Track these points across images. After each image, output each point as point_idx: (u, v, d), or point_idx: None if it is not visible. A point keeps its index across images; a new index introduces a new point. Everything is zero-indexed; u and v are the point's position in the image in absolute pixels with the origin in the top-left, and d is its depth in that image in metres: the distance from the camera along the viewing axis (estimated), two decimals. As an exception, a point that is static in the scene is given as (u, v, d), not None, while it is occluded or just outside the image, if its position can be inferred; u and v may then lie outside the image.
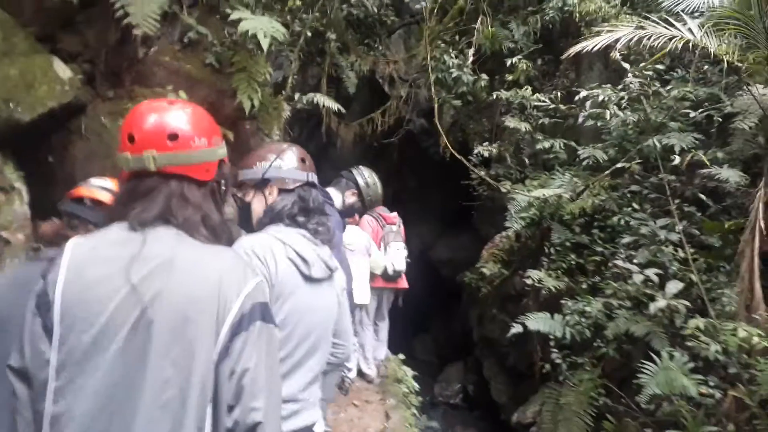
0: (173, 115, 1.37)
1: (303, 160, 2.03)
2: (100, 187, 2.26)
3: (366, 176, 3.92)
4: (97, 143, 4.08)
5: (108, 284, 1.23)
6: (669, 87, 6.02)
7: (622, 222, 6.02)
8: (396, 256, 5.72)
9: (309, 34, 6.56)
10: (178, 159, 1.34)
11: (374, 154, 9.51)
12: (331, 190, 3.71)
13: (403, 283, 5.94)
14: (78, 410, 1.19)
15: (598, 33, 5.84)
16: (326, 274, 1.91)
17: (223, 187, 1.47)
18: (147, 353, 1.20)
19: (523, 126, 7.28)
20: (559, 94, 7.37)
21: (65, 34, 4.16)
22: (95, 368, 1.20)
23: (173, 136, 1.34)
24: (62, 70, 3.84)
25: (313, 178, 2.03)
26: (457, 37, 8.47)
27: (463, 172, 8.12)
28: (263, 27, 4.12)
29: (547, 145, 7.03)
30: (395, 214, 6.13)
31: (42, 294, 1.25)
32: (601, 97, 5.99)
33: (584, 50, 5.36)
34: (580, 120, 6.41)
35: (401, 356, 6.79)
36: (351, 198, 3.86)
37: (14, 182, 3.54)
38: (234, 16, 4.21)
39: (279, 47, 5.25)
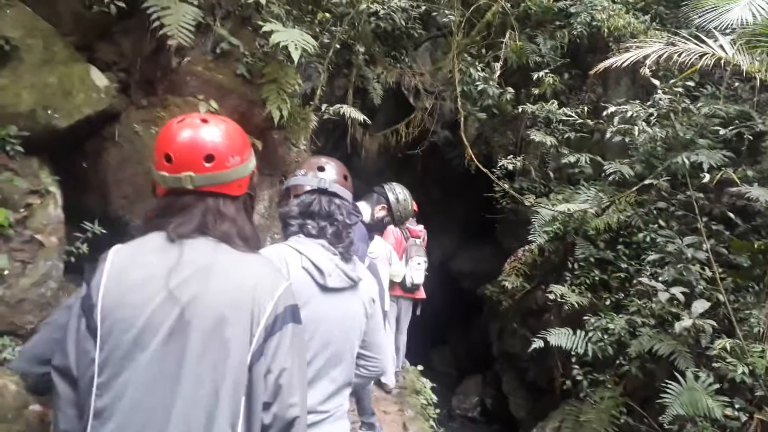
0: (209, 135, 1.41)
1: (321, 169, 2.05)
2: None
3: (397, 192, 3.96)
4: (129, 150, 4.18)
5: (147, 288, 1.31)
6: (699, 104, 5.96)
7: (648, 239, 5.96)
8: (416, 271, 5.84)
9: (338, 46, 6.64)
10: (214, 179, 1.40)
11: (398, 164, 9.55)
12: (361, 204, 3.79)
13: (421, 294, 6.08)
14: (119, 404, 1.26)
15: (627, 49, 5.82)
16: (346, 284, 1.91)
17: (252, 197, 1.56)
18: (184, 352, 1.28)
19: (549, 140, 7.25)
20: (585, 108, 7.34)
21: (102, 44, 4.29)
22: (136, 366, 1.27)
23: (209, 158, 1.39)
24: (99, 79, 3.96)
25: (326, 184, 2.00)
26: (483, 51, 8.49)
27: (486, 184, 8.11)
28: (294, 39, 4.20)
29: (572, 159, 7.00)
30: (422, 227, 6.23)
31: (86, 297, 1.33)
32: (629, 113, 5.95)
33: (613, 66, 5.33)
34: (608, 135, 6.37)
35: (420, 367, 6.78)
36: (380, 212, 3.89)
37: (49, 186, 3.64)
38: (266, 28, 4.30)
39: (308, 59, 5.33)
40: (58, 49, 3.87)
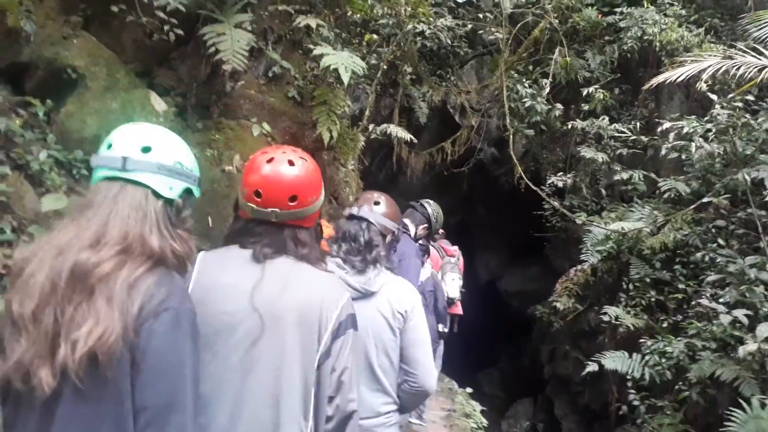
0: (295, 178, 1.61)
1: (370, 202, 2.39)
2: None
3: (434, 209, 4.47)
4: (185, 172, 4.30)
5: (232, 292, 1.54)
6: (760, 118, 5.74)
7: (707, 258, 5.74)
8: (451, 285, 5.87)
9: (385, 67, 6.72)
10: (294, 215, 1.62)
11: (443, 182, 9.53)
12: (407, 221, 4.13)
13: (458, 309, 6.06)
14: (202, 391, 1.37)
15: (681, 63, 5.67)
16: (354, 294, 2.08)
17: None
18: (258, 357, 1.49)
19: (600, 156, 7.11)
20: (638, 124, 7.17)
21: (161, 70, 4.45)
22: (214, 355, 1.48)
23: (293, 198, 1.60)
24: (158, 104, 4.10)
25: (362, 212, 2.31)
26: (530, 67, 8.43)
27: (534, 202, 7.99)
28: (344, 62, 4.26)
29: (625, 176, 6.83)
30: (456, 247, 6.40)
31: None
32: (686, 129, 5.78)
33: (666, 81, 5.20)
34: (663, 152, 6.20)
35: (469, 390, 6.68)
36: (422, 231, 4.41)
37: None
38: (317, 51, 4.38)
39: (357, 80, 5.40)
40: (120, 76, 4.04)
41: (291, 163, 1.60)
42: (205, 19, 4.21)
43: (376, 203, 2.41)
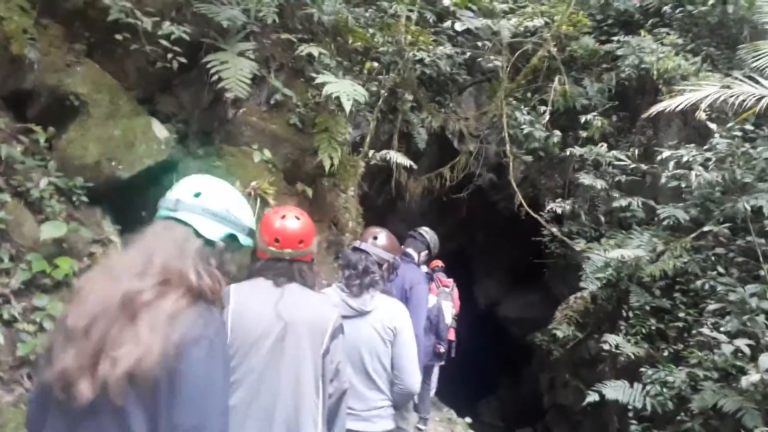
0: (301, 228, 2.29)
1: (370, 236, 3.03)
2: None
3: (431, 236, 5.00)
4: (186, 199, 4.29)
5: (262, 311, 2.15)
6: (759, 147, 5.77)
7: (707, 287, 5.71)
8: (446, 313, 6.03)
9: (385, 94, 6.76)
10: (301, 253, 2.29)
11: (442, 208, 9.53)
12: (409, 250, 4.71)
13: (452, 335, 6.30)
14: (245, 379, 2.08)
15: (679, 92, 5.72)
16: (352, 312, 2.74)
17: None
18: (283, 350, 2.11)
19: (599, 183, 7.12)
20: (636, 151, 7.20)
21: (163, 97, 4.47)
22: (256, 356, 2.09)
23: (301, 242, 2.28)
24: (159, 130, 4.11)
25: (362, 245, 2.95)
26: (528, 95, 8.50)
27: (532, 228, 7.98)
28: (346, 90, 4.29)
29: (624, 203, 6.84)
30: (451, 279, 6.57)
31: (223, 317, 2.00)
32: (685, 158, 5.80)
33: (666, 109, 5.24)
34: (663, 180, 6.21)
35: (468, 420, 6.59)
36: (423, 257, 4.96)
37: (111, 235, 3.76)
38: (319, 79, 4.41)
39: (358, 108, 5.43)
40: (122, 103, 4.06)
41: (297, 218, 2.30)
42: (208, 47, 4.25)
43: (375, 237, 3.03)
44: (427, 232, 5.03)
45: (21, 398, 3.13)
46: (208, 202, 1.58)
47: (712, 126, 5.91)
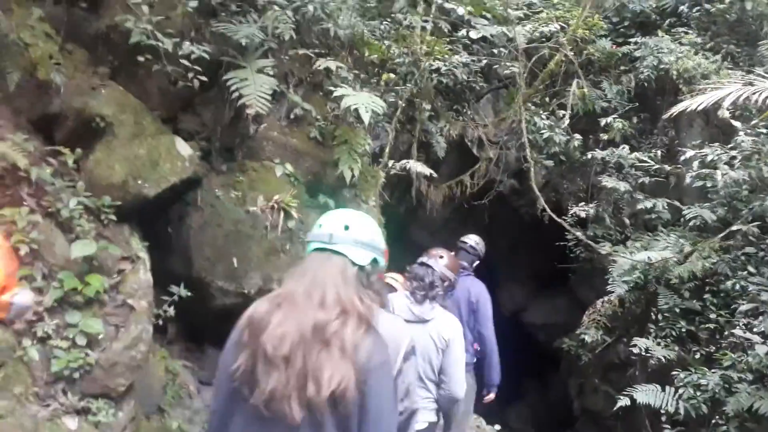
0: None
1: (436, 255, 3.64)
2: (393, 279, 3.86)
3: (481, 245, 5.50)
4: (210, 214, 4.37)
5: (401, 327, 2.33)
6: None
7: (738, 287, 5.61)
8: None
9: (403, 104, 6.80)
10: None
11: (463, 215, 9.50)
12: (464, 263, 5.15)
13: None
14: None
15: (700, 91, 5.65)
16: (414, 318, 3.16)
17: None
18: None
19: (622, 185, 7.05)
20: (659, 152, 7.12)
21: (185, 115, 4.57)
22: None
23: None
24: (183, 148, 4.19)
25: (429, 261, 3.56)
26: (547, 99, 8.47)
27: (556, 232, 7.92)
28: (364, 102, 4.33)
29: (648, 204, 6.76)
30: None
31: None
32: (710, 157, 5.73)
33: (688, 109, 5.19)
34: (688, 180, 6.14)
35: (497, 427, 6.54)
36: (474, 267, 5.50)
37: (139, 252, 3.83)
38: (337, 93, 4.46)
39: (376, 119, 5.47)
40: (146, 122, 4.15)
41: None
42: (227, 66, 4.33)
43: (441, 257, 3.59)
44: (477, 242, 5.43)
45: (56, 413, 3.20)
46: (356, 233, 1.84)
47: (737, 124, 5.83)
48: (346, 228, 1.83)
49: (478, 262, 5.44)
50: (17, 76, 3.77)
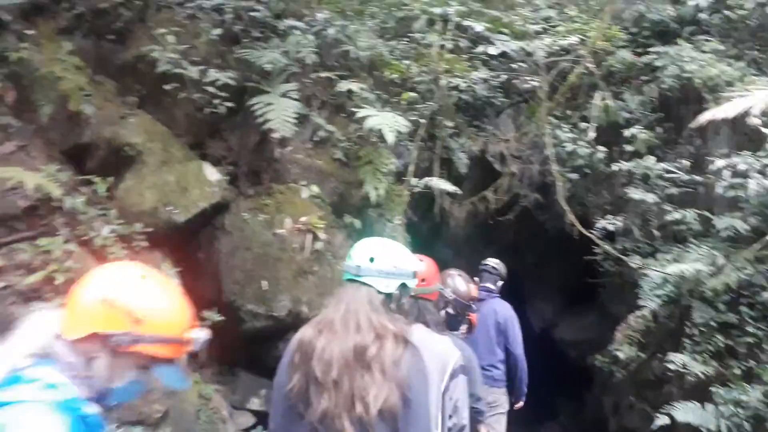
0: (424, 267, 2.64)
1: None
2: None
3: (503, 266, 5.72)
4: (239, 237, 4.40)
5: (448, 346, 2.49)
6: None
7: (776, 298, 5.45)
8: None
9: (423, 121, 6.81)
10: (424, 291, 2.61)
11: (487, 231, 9.42)
12: (490, 285, 5.42)
13: None
14: None
15: (726, 99, 5.56)
16: None
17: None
18: None
19: (650, 197, 6.93)
20: (686, 162, 7.00)
21: (212, 141, 4.63)
22: None
23: (423, 280, 2.54)
24: (211, 174, 4.24)
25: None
26: (568, 112, 8.41)
27: (583, 246, 7.80)
28: (388, 122, 4.35)
29: (678, 216, 6.62)
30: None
31: None
32: (741, 165, 5.61)
33: (716, 117, 5.10)
34: (719, 190, 6.01)
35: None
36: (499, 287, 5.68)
37: (171, 278, 3.85)
38: (361, 113, 4.49)
39: (399, 138, 5.49)
40: (174, 149, 4.22)
41: (420, 260, 2.50)
42: (252, 91, 4.39)
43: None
44: (497, 263, 5.75)
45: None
46: (381, 265, 2.01)
47: (766, 131, 5.71)
48: (371, 260, 2.00)
49: (501, 282, 5.67)
50: (49, 108, 3.87)
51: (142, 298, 1.43)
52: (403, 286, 2.04)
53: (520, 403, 5.68)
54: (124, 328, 1.38)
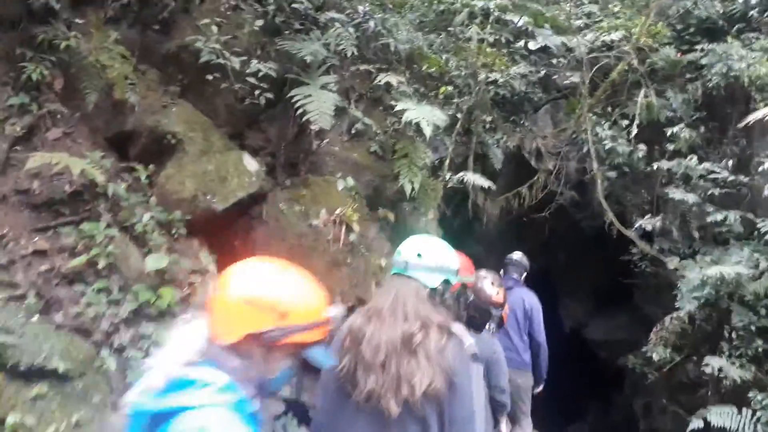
0: None
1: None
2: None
3: (526, 259, 5.86)
4: (275, 227, 4.45)
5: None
6: None
7: (820, 305, 5.28)
8: None
9: (459, 116, 6.77)
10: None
11: (520, 228, 9.33)
12: (515, 276, 5.63)
13: None
14: None
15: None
16: None
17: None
18: None
19: (690, 197, 6.77)
20: (729, 163, 6.81)
21: (251, 132, 4.69)
22: None
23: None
24: (250, 164, 4.30)
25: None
26: (609, 109, 8.26)
27: (619, 246, 7.67)
28: (426, 116, 4.34)
29: (720, 217, 6.46)
30: None
31: None
32: (789, 167, 5.44)
33: (765, 118, 4.94)
34: (766, 192, 5.84)
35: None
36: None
37: (208, 265, 3.94)
38: (399, 106, 4.48)
39: (436, 132, 5.47)
40: (215, 139, 4.28)
41: None
42: (292, 82, 4.43)
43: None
44: (521, 255, 5.94)
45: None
46: (427, 261, 2.10)
47: (816, 132, 5.51)
48: (419, 256, 2.11)
49: (525, 273, 5.87)
50: (95, 96, 3.97)
51: (282, 292, 1.53)
52: (446, 282, 2.13)
53: (540, 388, 5.81)
54: (272, 324, 1.47)
